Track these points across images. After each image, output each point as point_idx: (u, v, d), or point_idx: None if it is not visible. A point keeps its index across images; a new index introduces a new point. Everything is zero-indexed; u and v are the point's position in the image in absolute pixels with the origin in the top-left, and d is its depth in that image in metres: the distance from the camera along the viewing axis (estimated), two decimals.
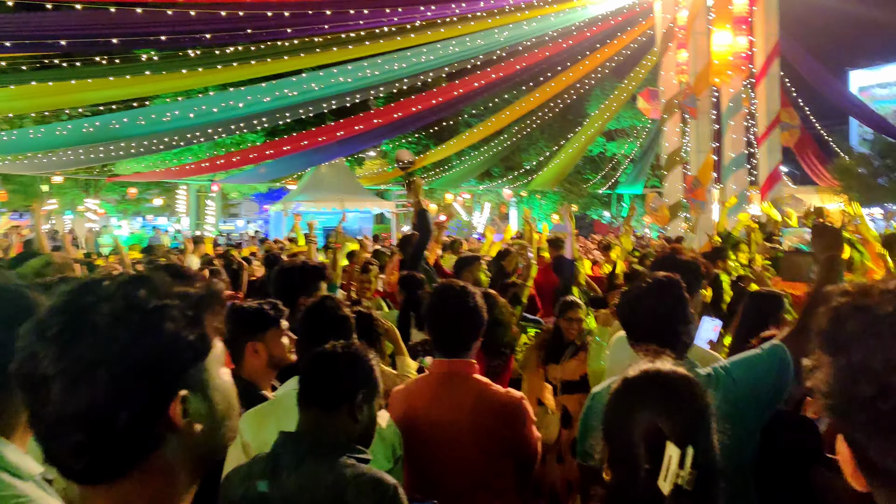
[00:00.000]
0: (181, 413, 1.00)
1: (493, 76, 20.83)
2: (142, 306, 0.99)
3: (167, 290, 1.03)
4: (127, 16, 11.48)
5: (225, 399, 1.10)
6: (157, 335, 0.99)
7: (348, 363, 2.22)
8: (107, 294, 1.00)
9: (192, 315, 1.03)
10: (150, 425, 0.99)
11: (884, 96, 41.01)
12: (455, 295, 2.92)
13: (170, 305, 1.01)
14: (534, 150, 31.11)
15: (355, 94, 19.61)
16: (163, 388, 0.99)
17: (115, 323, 0.97)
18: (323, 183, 23.30)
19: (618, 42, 21.44)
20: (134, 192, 25.91)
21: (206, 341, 1.05)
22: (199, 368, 1.05)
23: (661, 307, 2.41)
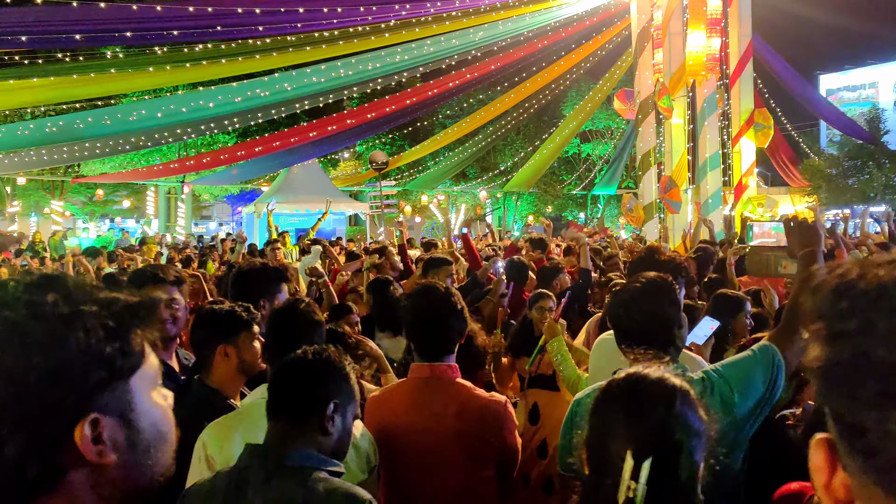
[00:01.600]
0: (91, 439, 0.85)
1: (468, 76, 20.74)
2: (47, 314, 0.85)
3: (84, 296, 0.89)
4: (90, 11, 11.12)
5: (153, 426, 0.94)
6: (63, 349, 0.84)
7: (320, 371, 2.08)
8: (8, 298, 0.86)
9: (112, 326, 0.88)
10: (50, 454, 0.84)
11: (851, 99, 41.73)
12: (436, 296, 2.79)
13: (84, 313, 0.87)
14: (509, 151, 31.12)
15: (329, 95, 19.39)
16: (65, 410, 0.84)
17: (12, 333, 0.83)
18: (296, 184, 23.04)
19: (593, 42, 21.47)
20: (101, 193, 25.38)
21: (129, 357, 0.90)
22: (121, 389, 0.89)
23: (657, 309, 2.34)
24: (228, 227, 33.38)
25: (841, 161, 27.38)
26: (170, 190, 27.99)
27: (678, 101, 17.18)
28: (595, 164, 31.42)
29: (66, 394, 0.84)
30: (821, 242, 2.40)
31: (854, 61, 42.75)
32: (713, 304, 4.14)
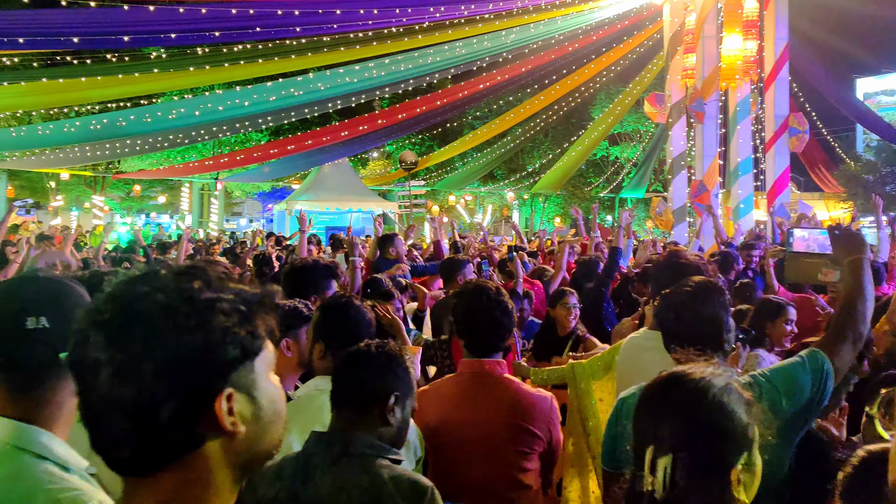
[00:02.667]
0: (226, 411, 0.97)
1: (499, 78, 20.81)
2: (194, 298, 0.97)
3: (222, 285, 1.01)
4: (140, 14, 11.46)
5: (272, 404, 1.05)
6: (208, 329, 0.96)
7: (382, 364, 2.19)
8: (161, 284, 0.98)
9: (244, 312, 1.00)
10: (195, 421, 0.96)
11: (889, 104, 40.95)
12: (488, 295, 2.92)
13: (223, 299, 0.99)
14: (537, 152, 31.10)
15: (361, 95, 19.60)
16: (209, 382, 0.96)
17: (166, 313, 0.95)
18: (326, 183, 23.30)
19: (624, 46, 21.41)
20: (138, 189, 25.90)
21: (256, 341, 1.02)
22: (248, 368, 1.01)
23: (707, 312, 2.37)
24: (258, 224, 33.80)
25: (879, 167, 26.89)
26: (203, 186, 28.48)
27: (710, 105, 17.11)
28: (623, 167, 31.28)
29: (210, 369, 0.96)
30: (867, 250, 2.40)
31: (892, 65, 41.92)
32: (756, 309, 4.15)
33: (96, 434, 0.98)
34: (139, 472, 0.98)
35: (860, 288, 2.31)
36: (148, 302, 0.96)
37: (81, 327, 0.98)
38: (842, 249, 2.43)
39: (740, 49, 16.38)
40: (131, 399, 0.92)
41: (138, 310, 0.95)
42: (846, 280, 2.37)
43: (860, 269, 2.34)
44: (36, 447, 1.46)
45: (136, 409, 0.93)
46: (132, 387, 0.92)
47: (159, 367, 0.93)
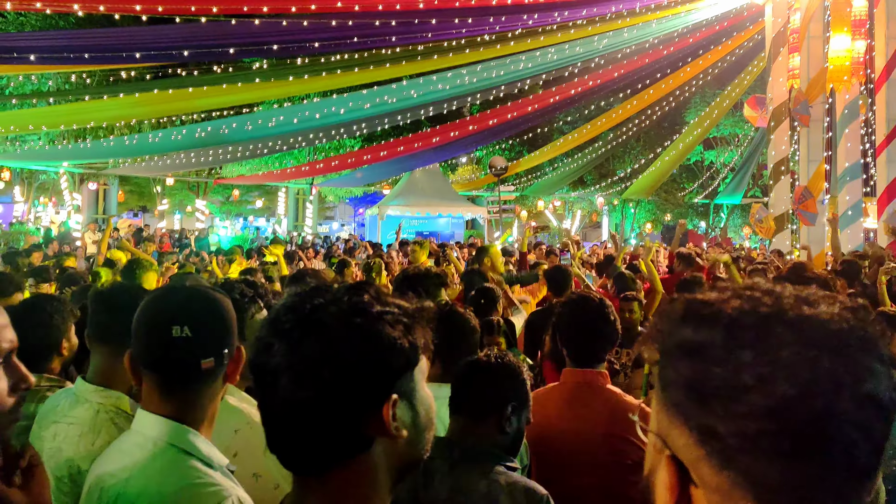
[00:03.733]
0: (392, 416, 1.03)
1: (591, 83, 20.57)
2: (366, 310, 1.04)
3: (387, 299, 1.08)
4: (245, 27, 11.99)
5: (427, 411, 1.12)
6: (379, 339, 1.02)
7: (500, 375, 2.24)
8: (335, 297, 1.06)
9: (407, 324, 1.06)
10: (365, 424, 1.02)
11: None
12: (593, 307, 2.94)
13: (390, 312, 1.05)
14: (629, 157, 30.53)
15: (452, 101, 19.78)
16: (379, 389, 1.03)
17: (342, 324, 1.02)
18: (417, 188, 23.61)
19: (722, 48, 20.76)
20: (237, 194, 26.99)
21: (416, 352, 1.08)
22: (409, 377, 1.07)
23: None
24: (349, 228, 34.60)
25: None
26: (299, 191, 29.40)
27: (816, 108, 16.37)
28: (719, 172, 30.29)
29: (380, 376, 1.03)
30: None
31: None
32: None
33: (274, 434, 1.05)
34: (312, 472, 1.05)
35: None
36: (325, 313, 1.03)
37: (263, 335, 1.05)
38: None
39: (848, 49, 15.60)
40: (309, 402, 1.00)
41: (316, 319, 1.03)
42: None
43: None
44: (186, 444, 1.59)
45: (313, 411, 1.00)
46: (310, 391, 1.00)
47: (335, 373, 1.00)
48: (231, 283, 2.60)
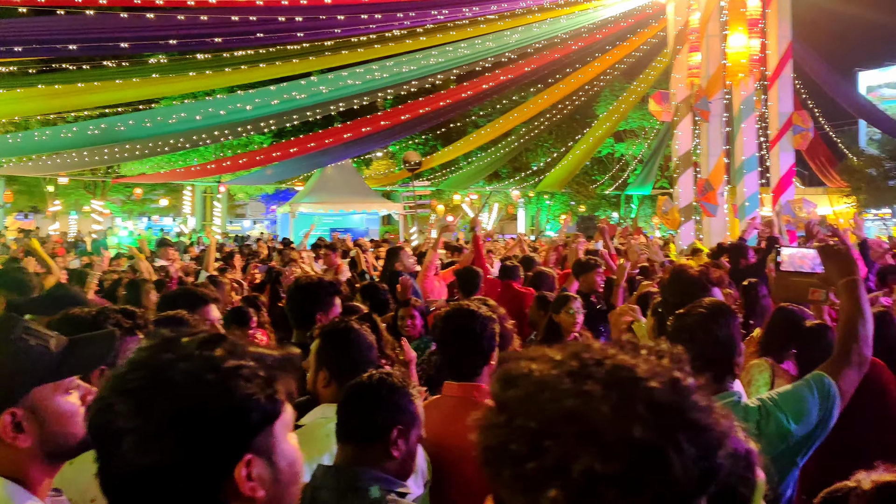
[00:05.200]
0: (246, 477, 0.98)
1: (503, 78, 20.70)
2: (219, 366, 0.99)
3: (244, 351, 1.02)
4: (138, 20, 11.36)
5: (290, 465, 1.06)
6: (232, 396, 0.97)
7: (384, 397, 2.15)
8: (185, 352, 1.00)
9: (265, 377, 1.01)
10: (216, 487, 0.97)
11: (892, 96, 40.82)
12: (465, 319, 2.83)
13: (245, 366, 1.00)
14: (542, 151, 30.99)
15: (363, 97, 19.51)
16: (231, 450, 0.98)
17: (192, 381, 0.97)
18: (330, 184, 23.20)
19: (629, 44, 21.28)
20: (139, 192, 25.84)
21: (276, 405, 1.03)
22: (268, 433, 1.02)
23: (721, 336, 2.33)
24: (262, 226, 33.77)
25: (881, 161, 26.77)
26: (206, 189, 28.40)
27: (715, 103, 16.96)
28: (629, 164, 31.16)
29: (232, 435, 0.97)
30: (858, 271, 2.39)
31: (894, 57, 41.77)
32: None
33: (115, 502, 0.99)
34: None
35: (860, 310, 2.30)
36: (174, 370, 0.97)
37: (105, 394, 0.99)
38: (835, 270, 2.41)
39: (745, 47, 16.23)
40: (153, 469, 0.94)
41: (165, 378, 0.97)
42: (845, 303, 2.36)
43: (857, 291, 2.33)
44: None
45: (160, 477, 0.94)
46: (157, 455, 0.94)
47: (183, 435, 0.94)
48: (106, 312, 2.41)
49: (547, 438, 0.74)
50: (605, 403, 0.75)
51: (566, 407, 0.75)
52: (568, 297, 4.88)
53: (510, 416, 0.77)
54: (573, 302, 4.81)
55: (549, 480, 0.73)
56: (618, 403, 0.74)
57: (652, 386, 0.77)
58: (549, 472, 0.73)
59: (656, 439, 0.73)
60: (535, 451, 0.74)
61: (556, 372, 0.79)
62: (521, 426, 0.76)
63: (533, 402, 0.77)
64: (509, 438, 0.76)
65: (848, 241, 3.52)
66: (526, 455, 0.74)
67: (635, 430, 0.73)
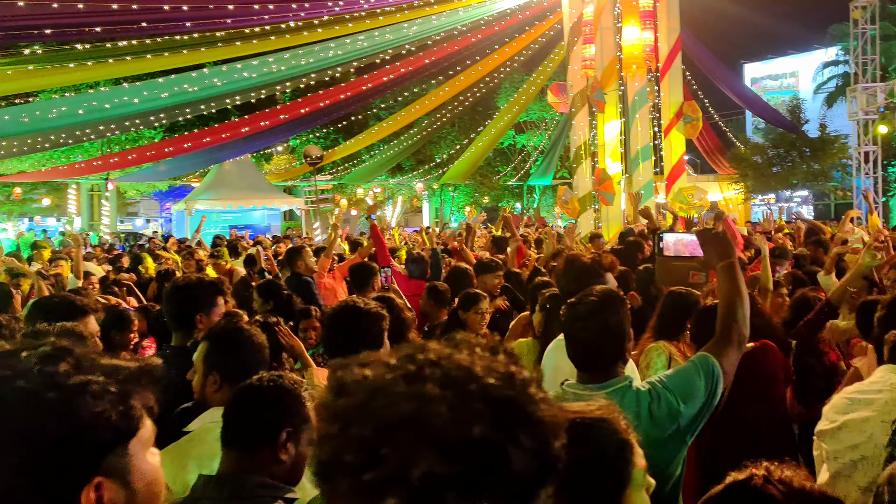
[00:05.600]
0: (95, 502, 0.91)
1: (403, 70, 20.56)
2: (60, 383, 0.91)
3: (92, 364, 0.95)
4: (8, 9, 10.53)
5: (149, 486, 0.99)
6: (76, 415, 0.90)
7: (272, 399, 2.04)
8: (24, 368, 0.92)
9: (117, 393, 0.94)
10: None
11: (774, 88, 43.17)
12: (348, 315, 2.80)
13: (93, 382, 0.93)
14: (445, 143, 31.08)
15: (261, 90, 18.94)
16: (75, 474, 0.90)
17: (30, 401, 0.89)
18: (227, 180, 22.48)
19: (526, 36, 21.55)
20: (19, 192, 24.17)
21: (131, 422, 0.96)
22: (122, 452, 0.95)
23: (613, 324, 2.36)
24: (157, 224, 32.35)
25: (765, 149, 28.26)
26: (93, 187, 26.85)
27: (611, 95, 17.42)
28: (530, 156, 31.67)
29: (77, 458, 0.90)
30: (736, 254, 2.48)
31: (776, 51, 44.21)
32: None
33: None
34: None
35: (738, 292, 2.39)
36: (10, 388, 0.89)
37: None
38: (713, 254, 2.49)
39: (638, 39, 16.72)
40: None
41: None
42: (723, 285, 2.44)
43: (734, 273, 2.41)
44: None
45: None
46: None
47: (22, 460, 0.86)
48: None
49: (384, 446, 0.72)
50: (442, 405, 0.73)
51: (402, 411, 0.73)
52: (478, 296, 4.75)
53: (343, 425, 0.75)
54: (482, 301, 4.70)
55: (388, 489, 0.71)
56: (455, 404, 0.73)
57: (488, 383, 0.76)
58: (388, 480, 0.71)
59: (496, 436, 0.73)
60: (372, 460, 0.72)
61: (391, 376, 0.77)
62: (356, 435, 0.73)
63: (367, 410, 0.74)
64: (344, 449, 0.74)
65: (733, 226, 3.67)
66: (363, 465, 0.72)
67: (474, 429, 0.72)
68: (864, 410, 2.76)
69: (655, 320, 4.02)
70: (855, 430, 2.74)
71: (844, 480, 2.72)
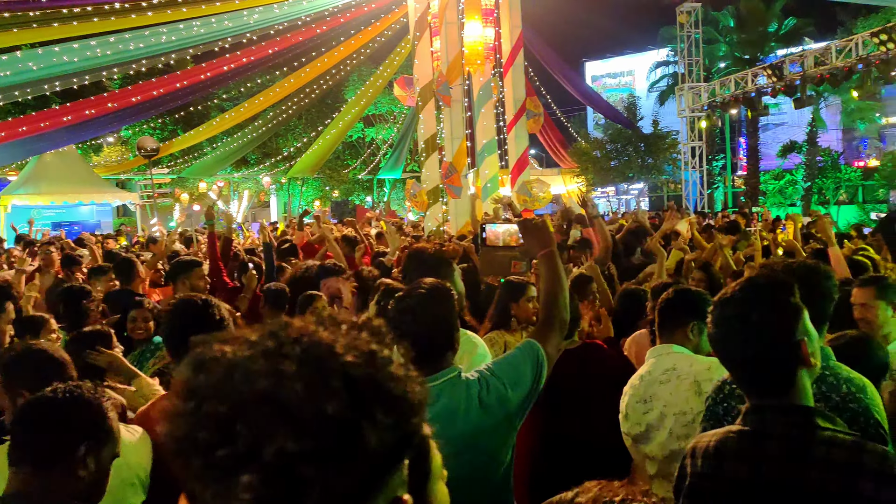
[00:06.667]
0: None
1: (244, 60, 19.74)
2: None
3: None
4: None
5: None
6: None
7: (67, 412, 1.90)
8: None
9: None
10: None
11: (613, 85, 45.66)
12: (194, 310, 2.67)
13: None
14: (292, 135, 30.31)
15: (84, 76, 17.48)
16: None
17: None
18: (49, 173, 20.65)
19: (372, 28, 21.36)
20: None
21: None
22: None
23: (442, 315, 2.37)
24: None
25: (604, 144, 29.80)
26: None
27: (456, 89, 17.63)
28: (379, 149, 31.56)
29: None
30: (554, 243, 2.55)
31: (615, 51, 46.77)
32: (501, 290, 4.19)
33: None
34: None
35: (559, 279, 2.47)
36: None
37: None
38: (534, 243, 2.56)
39: (480, 36, 17.02)
40: None
41: None
42: (545, 273, 2.51)
43: (554, 262, 2.49)
44: None
45: None
46: None
47: None
48: None
49: (238, 423, 0.71)
50: (298, 382, 0.73)
51: (258, 388, 0.73)
52: (314, 297, 4.70)
53: (198, 402, 0.74)
54: (317, 301, 4.66)
55: (242, 466, 0.71)
56: (311, 381, 0.74)
57: (347, 360, 0.77)
58: (242, 457, 0.71)
59: (350, 413, 0.73)
60: (226, 437, 0.71)
61: (251, 353, 0.76)
62: (211, 412, 0.73)
63: (223, 386, 0.74)
64: (198, 426, 0.73)
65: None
66: (217, 442, 0.71)
67: (328, 407, 0.73)
68: (657, 407, 2.84)
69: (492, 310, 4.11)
70: (660, 429, 2.82)
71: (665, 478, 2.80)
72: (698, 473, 1.82)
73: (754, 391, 1.78)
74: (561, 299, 2.45)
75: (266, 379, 0.73)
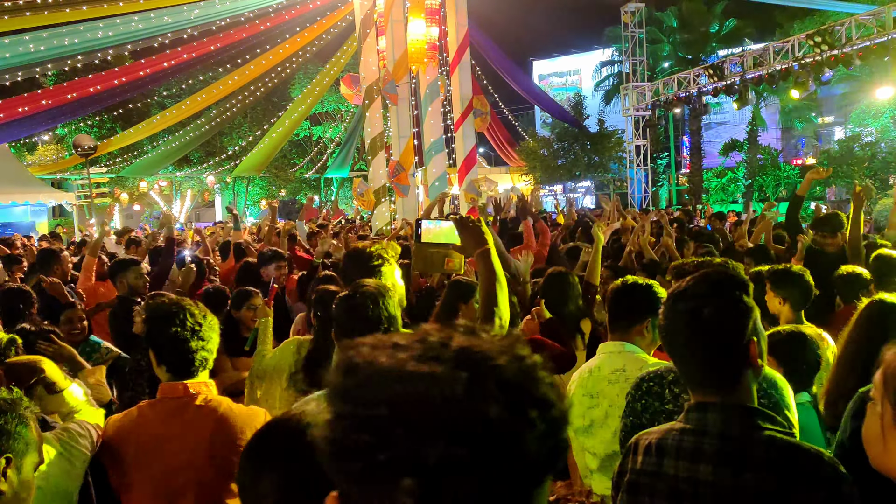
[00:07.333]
0: None
1: (185, 56, 19.28)
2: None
3: None
4: None
5: None
6: None
7: None
8: None
9: None
10: None
11: (560, 84, 46.11)
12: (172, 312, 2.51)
13: None
14: (237, 134, 29.75)
15: (17, 72, 16.85)
16: None
17: None
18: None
19: (318, 26, 21.11)
20: None
21: None
22: None
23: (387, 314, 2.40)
24: None
25: (552, 142, 30.08)
26: None
27: (402, 87, 17.55)
28: (327, 147, 31.24)
29: None
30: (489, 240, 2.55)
31: (562, 50, 47.25)
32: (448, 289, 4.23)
33: None
34: None
35: (496, 276, 2.47)
36: None
37: None
38: (470, 241, 2.55)
39: (424, 34, 16.96)
40: None
41: None
42: (482, 270, 2.51)
43: (490, 259, 2.49)
44: None
45: None
46: None
47: None
48: None
49: (397, 426, 0.71)
50: (456, 385, 0.72)
51: (415, 391, 0.72)
52: (250, 293, 4.67)
53: (355, 405, 0.73)
54: (255, 298, 4.62)
55: (403, 470, 0.70)
56: (469, 384, 0.72)
57: (500, 364, 0.75)
58: (402, 461, 0.71)
59: (510, 417, 0.72)
60: (385, 441, 0.71)
61: (402, 356, 0.75)
62: (369, 415, 0.72)
63: (379, 390, 0.73)
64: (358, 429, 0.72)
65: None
66: (377, 445, 0.71)
67: (490, 410, 0.71)
68: (603, 405, 2.84)
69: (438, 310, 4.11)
70: (604, 427, 2.83)
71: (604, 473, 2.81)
72: (638, 470, 1.81)
73: (699, 388, 1.76)
74: (500, 296, 2.44)
75: (422, 382, 0.72)
